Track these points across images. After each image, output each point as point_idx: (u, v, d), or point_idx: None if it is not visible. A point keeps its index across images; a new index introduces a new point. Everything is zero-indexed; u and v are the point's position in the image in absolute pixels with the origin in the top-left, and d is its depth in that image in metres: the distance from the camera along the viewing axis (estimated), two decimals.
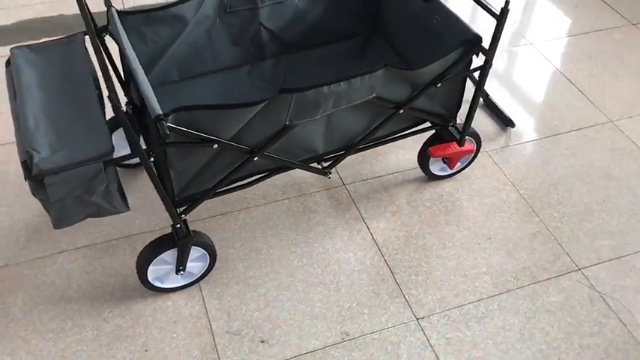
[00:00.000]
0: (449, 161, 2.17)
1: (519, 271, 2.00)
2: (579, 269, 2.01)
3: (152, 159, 1.51)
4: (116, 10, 1.79)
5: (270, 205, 2.16)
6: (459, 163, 2.22)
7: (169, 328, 1.81)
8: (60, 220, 1.55)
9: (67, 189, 1.47)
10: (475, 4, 1.76)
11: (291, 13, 2.08)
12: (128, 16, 1.84)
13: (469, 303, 1.90)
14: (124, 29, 1.84)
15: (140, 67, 1.60)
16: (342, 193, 2.21)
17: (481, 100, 2.56)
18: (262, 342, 1.79)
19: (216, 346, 1.78)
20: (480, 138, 2.16)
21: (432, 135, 2.11)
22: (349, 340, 1.81)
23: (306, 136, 1.75)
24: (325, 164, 1.89)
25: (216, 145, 1.57)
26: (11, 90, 1.65)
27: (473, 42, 1.76)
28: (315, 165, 1.87)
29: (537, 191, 2.25)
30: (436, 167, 2.21)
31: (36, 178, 1.43)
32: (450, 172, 2.23)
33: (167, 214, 1.67)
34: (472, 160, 2.26)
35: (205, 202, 1.97)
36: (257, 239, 2.05)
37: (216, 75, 2.10)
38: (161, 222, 2.07)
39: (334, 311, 1.87)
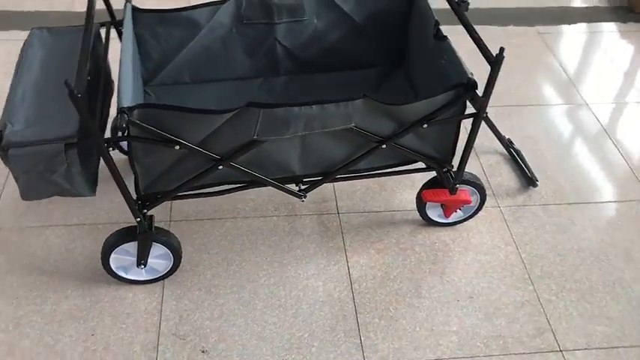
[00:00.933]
0: (445, 209, 2.06)
1: (492, 339, 1.86)
2: (561, 351, 1.84)
3: (112, 149, 1.55)
4: (132, 7, 1.87)
5: (258, 219, 2.15)
6: (459, 213, 2.11)
7: (121, 318, 1.85)
8: (26, 192, 1.63)
9: (30, 163, 1.54)
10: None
11: (309, 34, 2.07)
12: (143, 13, 1.91)
13: None
14: (140, 25, 1.92)
15: (128, 61, 1.66)
16: (333, 221, 2.16)
17: (506, 151, 2.42)
18: (203, 352, 1.78)
19: (158, 345, 1.79)
20: (484, 190, 2.04)
21: (432, 177, 2.02)
22: None
23: (280, 155, 1.73)
24: (302, 187, 1.85)
25: (177, 147, 1.59)
26: (17, 65, 1.76)
27: (466, 87, 1.67)
28: (292, 186, 1.84)
29: (541, 258, 2.09)
30: (434, 212, 2.11)
31: (3, 148, 1.51)
32: (448, 220, 2.12)
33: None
34: (476, 212, 2.13)
35: (197, 204, 2.00)
36: (234, 250, 2.05)
37: (228, 83, 2.13)
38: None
39: (284, 337, 1.83)
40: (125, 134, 1.55)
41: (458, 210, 2.11)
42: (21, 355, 1.75)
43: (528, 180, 2.31)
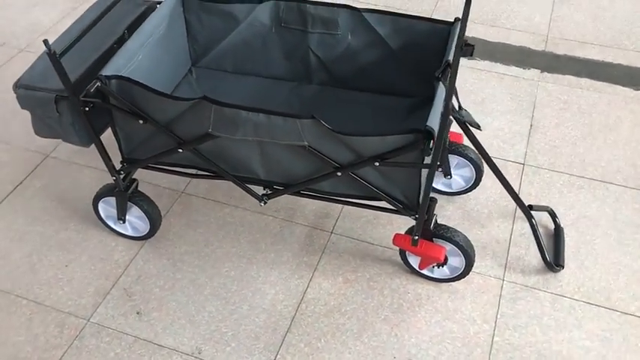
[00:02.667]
0: (420, 260, 1.92)
1: None
2: None
3: (87, 108, 1.74)
4: None
5: (255, 214, 2.21)
6: (444, 270, 1.94)
7: (94, 261, 2.07)
8: (34, 129, 1.91)
9: (30, 105, 1.80)
10: None
11: (342, 49, 2.05)
12: None
13: None
14: (188, 10, 2.09)
15: (143, 36, 1.85)
16: (321, 238, 2.13)
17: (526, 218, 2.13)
18: (137, 313, 1.92)
19: (107, 294, 1.97)
20: (469, 254, 1.85)
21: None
22: (196, 357, 1.81)
23: (241, 154, 1.77)
24: (268, 192, 1.87)
25: (141, 122, 1.73)
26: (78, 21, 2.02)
27: (422, 134, 1.54)
28: (259, 189, 1.87)
29: (515, 350, 1.83)
30: (415, 260, 1.97)
31: (14, 86, 1.80)
32: (428, 274, 1.97)
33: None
34: (461, 276, 1.94)
35: (211, 184, 2.12)
36: (217, 235, 2.14)
37: (265, 80, 2.20)
38: (164, 180, 2.30)
39: (210, 328, 1.88)
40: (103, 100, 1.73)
41: (441, 267, 1.94)
42: (7, 263, 2.06)
43: (557, 260, 2.01)
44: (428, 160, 1.61)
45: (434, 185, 2.26)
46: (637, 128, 2.53)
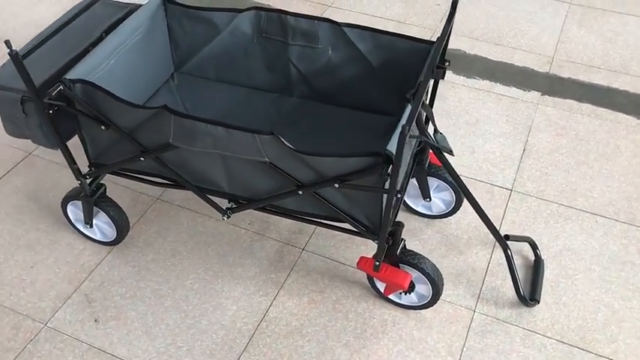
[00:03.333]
0: (385, 285, 1.85)
1: None
2: None
3: (52, 111, 1.71)
4: None
5: (227, 225, 2.17)
6: (412, 297, 1.87)
7: (60, 263, 2.04)
8: (5, 128, 1.89)
9: None
10: None
11: (322, 63, 2.00)
12: (172, 5, 2.04)
13: None
14: (170, 15, 2.07)
15: (116, 40, 1.82)
16: (292, 255, 2.08)
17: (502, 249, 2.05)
18: (95, 321, 1.89)
19: (68, 298, 1.95)
20: (436, 282, 1.78)
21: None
22: None
23: (203, 167, 1.73)
24: (233, 206, 1.82)
25: (103, 127, 1.70)
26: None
27: (382, 157, 1.47)
28: (224, 202, 1.83)
29: None
30: (381, 285, 1.91)
31: None
32: (396, 300, 1.90)
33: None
34: (428, 305, 1.87)
35: (186, 192, 2.07)
36: (186, 245, 2.10)
37: (246, 90, 2.16)
38: (140, 185, 2.27)
39: (165, 341, 1.84)
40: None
41: (408, 293, 1.87)
42: None
43: (520, 296, 1.93)
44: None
45: (414, 207, 2.19)
46: (636, 159, 2.42)
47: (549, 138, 2.52)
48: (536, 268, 2.02)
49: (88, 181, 1.92)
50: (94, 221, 2.02)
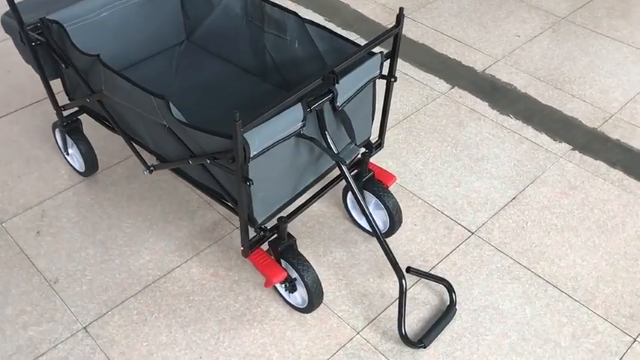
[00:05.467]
0: None
1: None
2: None
3: (34, 44, 1.98)
4: None
5: (186, 187, 2.31)
6: (297, 298, 1.88)
7: (41, 179, 2.34)
8: (22, 56, 2.21)
9: (7, 31, 2.10)
10: None
11: (290, 55, 2.05)
12: None
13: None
14: None
15: None
16: (223, 230, 2.16)
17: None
18: (37, 233, 2.15)
19: (29, 208, 2.23)
20: (311, 291, 1.78)
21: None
22: (50, 285, 1.99)
23: (132, 120, 1.89)
24: (155, 163, 1.95)
25: (64, 66, 1.94)
26: None
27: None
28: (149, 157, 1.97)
29: None
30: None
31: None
32: (285, 296, 1.91)
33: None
34: (306, 311, 1.86)
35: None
36: (143, 194, 2.28)
37: (235, 69, 2.27)
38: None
39: (78, 267, 2.04)
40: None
41: (292, 292, 1.88)
42: None
43: (401, 333, 1.82)
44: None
45: (357, 220, 2.16)
46: (635, 242, 2.13)
47: (550, 194, 2.30)
48: (445, 313, 1.89)
49: (66, 113, 2.17)
50: (70, 150, 2.29)
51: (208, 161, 1.63)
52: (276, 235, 1.80)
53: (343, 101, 1.71)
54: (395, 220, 2.02)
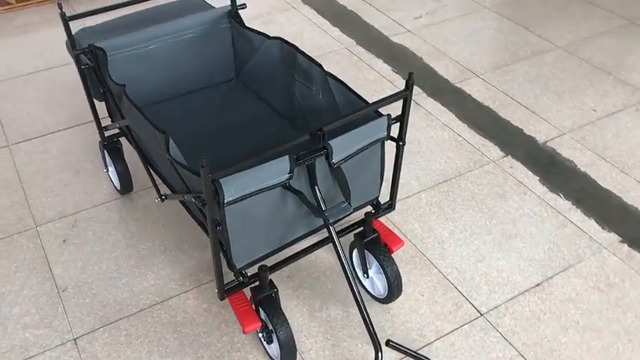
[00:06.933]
0: None
1: None
2: None
3: (82, 67, 2.14)
4: (232, 12, 2.31)
5: None
6: (270, 346, 1.85)
7: (83, 191, 2.50)
8: None
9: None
10: None
11: (315, 104, 2.05)
12: (233, 20, 2.31)
13: None
14: (233, 28, 2.35)
15: (155, 30, 2.19)
16: None
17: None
18: (63, 241, 2.30)
19: (64, 217, 2.39)
20: (284, 349, 1.74)
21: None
22: (59, 293, 2.11)
23: (149, 148, 1.98)
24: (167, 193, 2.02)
25: (101, 90, 2.08)
26: None
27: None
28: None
29: None
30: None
31: None
32: (266, 347, 1.89)
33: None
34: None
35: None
36: (166, 219, 2.37)
37: (269, 111, 2.32)
38: None
39: (87, 280, 2.15)
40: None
41: (268, 343, 1.85)
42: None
43: None
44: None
45: (360, 279, 2.10)
46: None
47: (580, 287, 2.11)
48: None
49: (108, 133, 2.31)
50: (110, 168, 2.43)
51: (193, 200, 1.66)
52: (257, 283, 1.79)
53: (340, 159, 1.68)
54: (393, 288, 1.94)
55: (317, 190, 1.69)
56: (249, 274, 1.80)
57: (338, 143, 1.65)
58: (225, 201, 1.53)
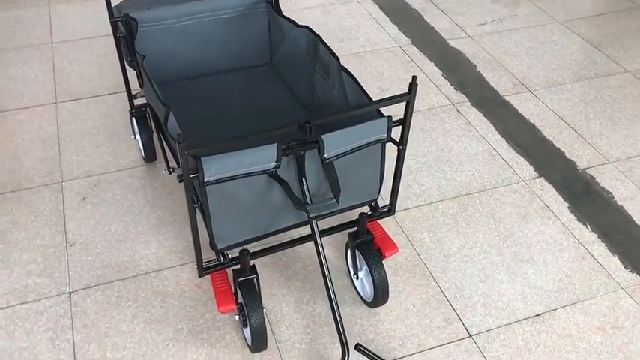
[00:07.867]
0: None
1: None
2: None
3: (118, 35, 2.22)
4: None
5: None
6: (245, 328, 1.87)
7: (112, 155, 2.60)
8: None
9: None
10: None
11: (331, 97, 2.03)
12: (271, 7, 2.33)
13: None
14: (270, 12, 2.37)
15: (190, 7, 2.23)
16: None
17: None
18: (83, 199, 2.40)
19: (89, 176, 2.50)
20: (253, 333, 1.75)
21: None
22: (67, 246, 2.22)
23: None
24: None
25: (129, 59, 2.15)
26: None
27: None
28: None
29: None
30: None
31: None
32: (243, 330, 1.91)
33: None
34: (251, 350, 1.84)
35: None
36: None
37: (293, 99, 2.31)
38: None
39: (95, 239, 2.24)
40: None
41: (243, 326, 1.87)
42: None
43: None
44: None
45: (353, 279, 2.07)
46: None
47: (584, 325, 1.99)
48: None
49: (137, 102, 2.39)
50: (136, 136, 2.51)
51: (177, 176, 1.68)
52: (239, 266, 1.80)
53: (333, 155, 1.66)
54: (378, 294, 1.90)
55: (304, 183, 1.68)
56: (230, 256, 1.81)
57: (331, 139, 1.63)
58: (205, 180, 1.54)
